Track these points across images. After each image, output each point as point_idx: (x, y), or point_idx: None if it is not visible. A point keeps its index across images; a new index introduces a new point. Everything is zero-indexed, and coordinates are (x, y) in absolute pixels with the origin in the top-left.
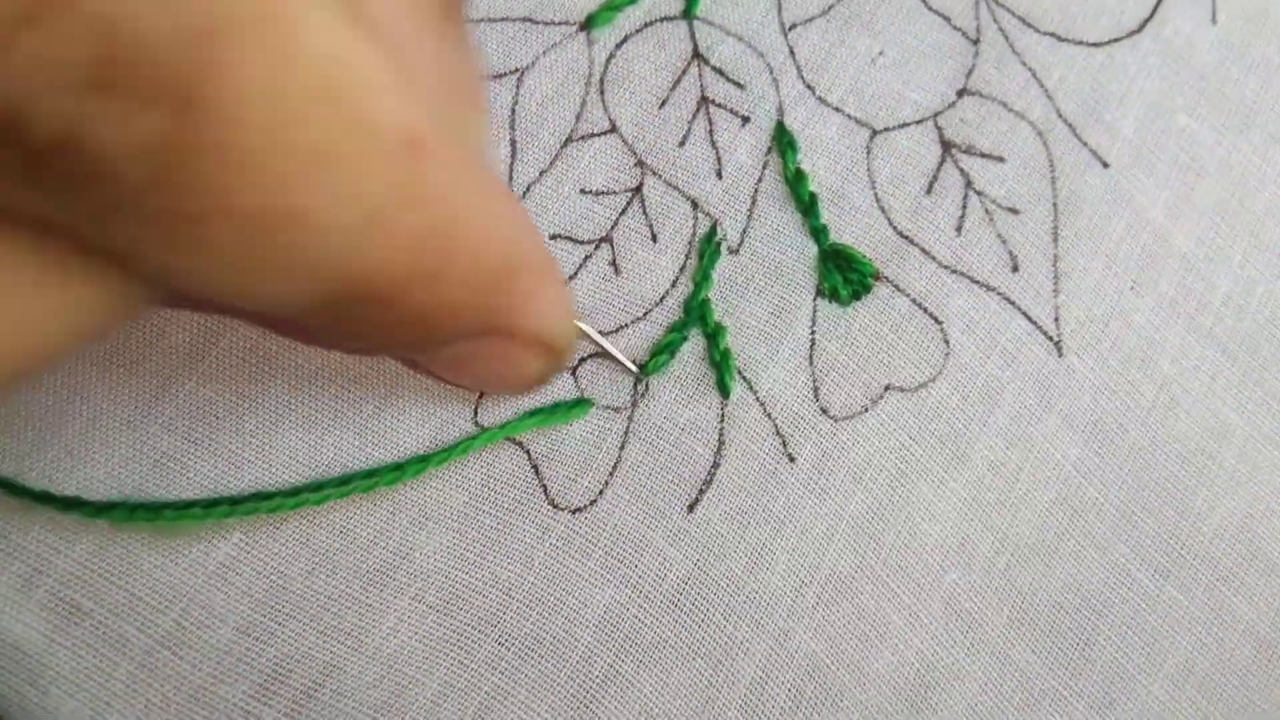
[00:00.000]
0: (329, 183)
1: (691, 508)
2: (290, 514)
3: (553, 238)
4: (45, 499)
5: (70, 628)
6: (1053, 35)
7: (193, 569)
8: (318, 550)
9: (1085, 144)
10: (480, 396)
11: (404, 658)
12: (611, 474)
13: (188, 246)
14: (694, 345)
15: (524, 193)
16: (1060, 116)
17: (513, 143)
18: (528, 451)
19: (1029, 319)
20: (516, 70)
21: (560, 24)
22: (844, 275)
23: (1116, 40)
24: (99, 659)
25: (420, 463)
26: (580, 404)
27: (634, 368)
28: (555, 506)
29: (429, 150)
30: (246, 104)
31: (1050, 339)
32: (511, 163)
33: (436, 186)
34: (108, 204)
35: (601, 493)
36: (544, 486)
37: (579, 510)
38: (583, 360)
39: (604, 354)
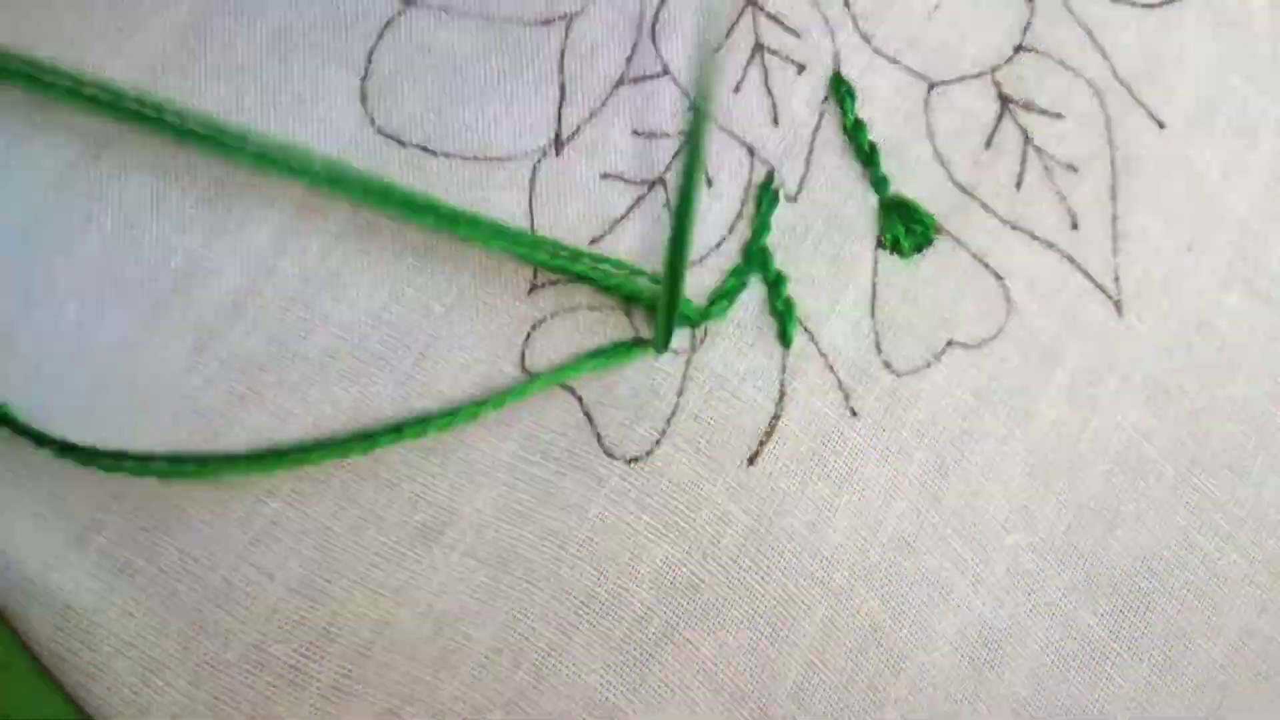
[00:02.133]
0: None
1: (752, 460)
2: (336, 469)
3: (604, 177)
4: (92, 456)
5: (121, 586)
6: None
7: (242, 526)
8: (365, 506)
9: (1142, 104)
10: (526, 340)
11: (456, 613)
12: (669, 422)
13: None
14: (752, 294)
15: (573, 133)
16: (1116, 76)
17: (561, 86)
18: (579, 398)
19: (1089, 278)
20: (565, 16)
21: None
22: (906, 226)
23: (1171, 1)
24: (150, 617)
25: (476, 407)
26: (639, 344)
27: (692, 310)
28: (610, 455)
29: None
30: None
31: (1110, 298)
32: (560, 104)
33: None
34: None
35: (658, 442)
36: (597, 434)
37: (635, 460)
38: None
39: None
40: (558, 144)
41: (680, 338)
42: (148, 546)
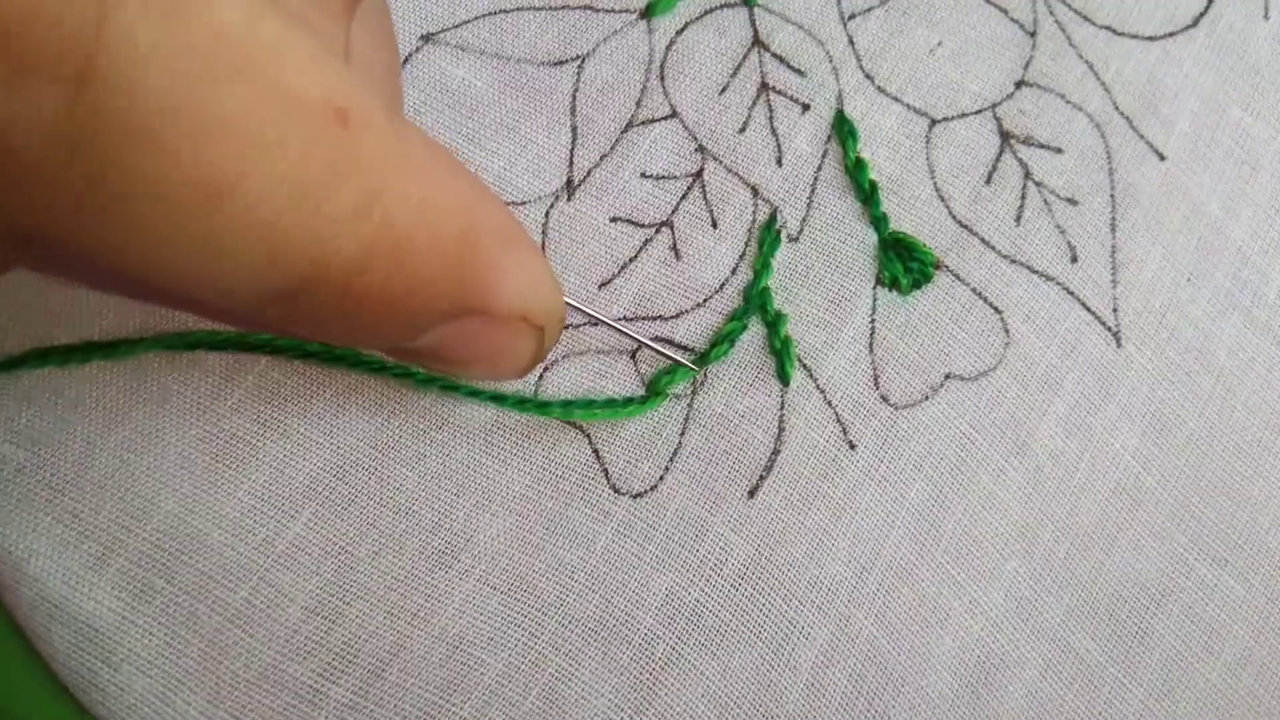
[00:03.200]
0: (250, 155)
1: (752, 493)
2: (358, 496)
3: (613, 220)
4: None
5: (142, 606)
6: (1109, 29)
7: (262, 549)
8: (384, 532)
9: (1142, 136)
10: (541, 376)
11: (469, 638)
12: (672, 459)
13: (117, 225)
14: (753, 333)
15: (584, 177)
16: (1117, 109)
17: (573, 129)
18: (589, 436)
19: (1088, 309)
20: (577, 58)
21: (620, 11)
22: (905, 264)
23: (1172, 34)
24: (170, 637)
25: (496, 399)
26: (651, 400)
27: (689, 365)
28: (616, 491)
29: (358, 121)
30: (141, 71)
31: (1109, 329)
32: (572, 148)
33: (371, 158)
34: (18, 183)
35: (662, 478)
36: (605, 471)
37: (640, 495)
38: (640, 347)
39: (655, 350)
40: (569, 188)
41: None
42: (168, 567)
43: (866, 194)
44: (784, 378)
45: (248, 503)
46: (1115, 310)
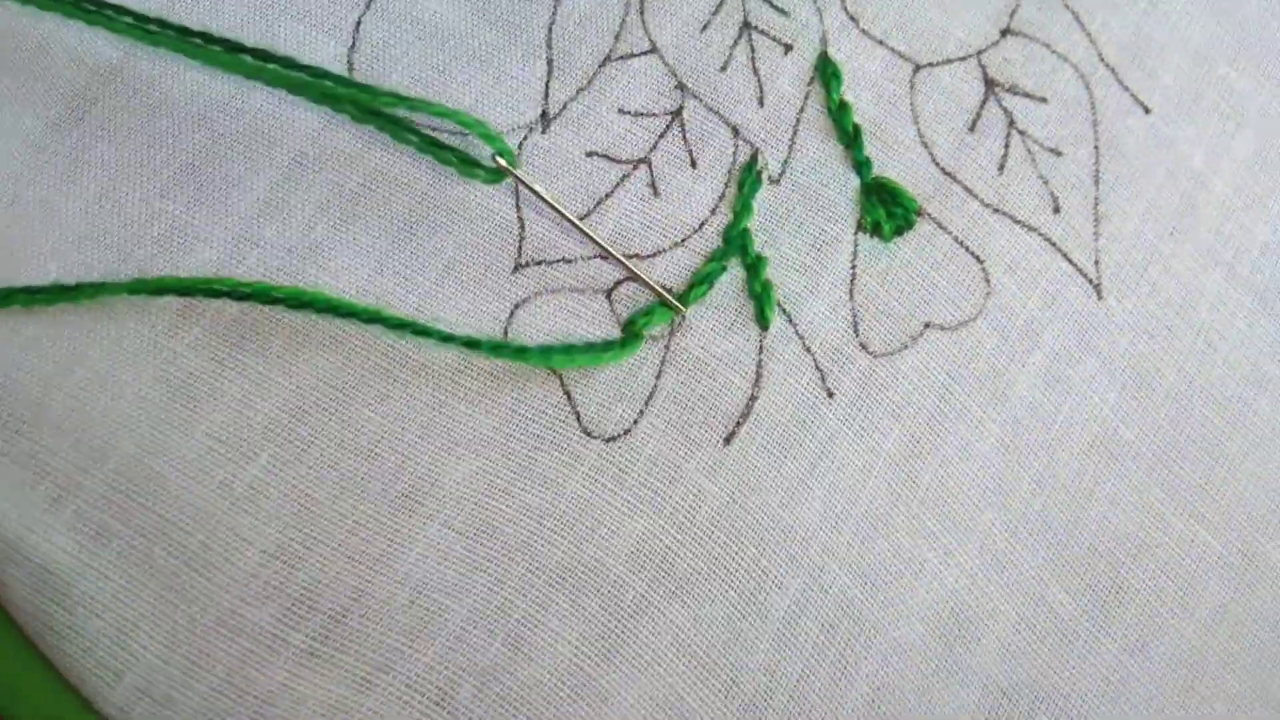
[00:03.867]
0: None
1: (728, 440)
2: (317, 438)
3: (589, 155)
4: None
5: (98, 548)
6: None
7: (220, 491)
8: (345, 474)
9: (1127, 89)
10: (509, 318)
11: (433, 583)
12: (647, 403)
13: None
14: (732, 276)
15: (560, 110)
16: (1102, 60)
17: (549, 61)
18: (560, 377)
19: (1070, 261)
20: None
21: None
22: (887, 209)
23: None
24: (126, 580)
25: (470, 345)
26: (630, 343)
27: (675, 303)
28: (588, 434)
29: None
30: None
31: (1090, 281)
32: (547, 81)
33: None
34: None
35: (636, 422)
36: (577, 414)
37: (613, 439)
38: (618, 284)
39: (639, 280)
40: (545, 120)
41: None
42: (125, 509)
43: (850, 138)
44: (763, 322)
45: (205, 444)
46: (1097, 262)
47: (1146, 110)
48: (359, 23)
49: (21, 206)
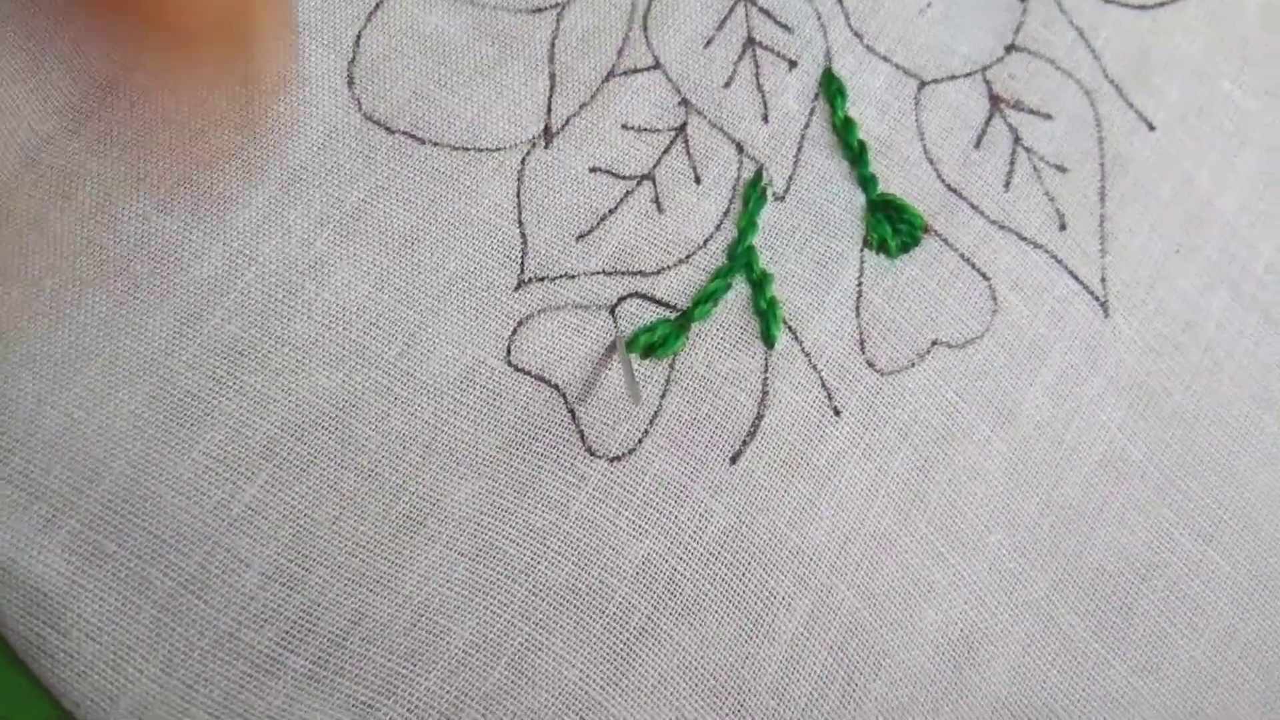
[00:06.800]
0: None
1: (734, 459)
2: (317, 457)
3: (592, 170)
4: None
5: (93, 570)
6: None
7: (217, 512)
8: (346, 495)
9: (1132, 106)
10: (512, 335)
11: (435, 606)
12: (652, 422)
13: None
14: (737, 293)
15: (563, 125)
16: (1107, 77)
17: (551, 76)
18: (564, 395)
19: (1076, 278)
20: (557, 4)
21: None
22: (893, 226)
23: (1162, 4)
24: (122, 602)
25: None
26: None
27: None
28: (592, 454)
29: None
30: None
31: (1097, 299)
32: (550, 95)
33: None
34: None
35: (641, 441)
36: (581, 433)
37: (618, 458)
38: (622, 299)
39: (643, 295)
40: (547, 135)
41: None
42: (120, 530)
43: (855, 154)
44: (769, 340)
45: (202, 464)
46: (1103, 280)
47: (1151, 127)
48: (359, 36)
49: (12, 220)
